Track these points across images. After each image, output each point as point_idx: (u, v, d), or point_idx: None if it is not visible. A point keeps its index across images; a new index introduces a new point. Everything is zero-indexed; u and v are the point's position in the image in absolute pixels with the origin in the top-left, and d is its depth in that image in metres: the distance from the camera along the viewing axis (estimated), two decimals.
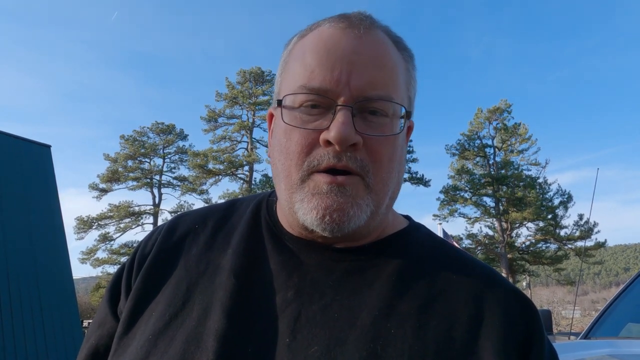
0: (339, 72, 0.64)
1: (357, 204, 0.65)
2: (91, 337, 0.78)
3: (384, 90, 0.66)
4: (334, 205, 0.64)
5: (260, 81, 31.03)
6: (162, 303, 0.71)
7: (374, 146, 0.65)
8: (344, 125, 0.63)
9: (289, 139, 0.67)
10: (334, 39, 0.67)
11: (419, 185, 28.86)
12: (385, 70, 0.67)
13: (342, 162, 0.64)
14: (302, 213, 0.66)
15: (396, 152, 0.69)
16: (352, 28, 0.67)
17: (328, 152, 0.64)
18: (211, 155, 29.81)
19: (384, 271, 0.70)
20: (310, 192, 0.65)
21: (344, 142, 0.63)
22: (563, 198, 28.68)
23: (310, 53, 0.67)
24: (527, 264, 29.35)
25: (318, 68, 0.65)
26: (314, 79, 0.65)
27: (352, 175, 0.65)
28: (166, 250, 0.78)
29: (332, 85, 0.64)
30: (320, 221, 0.64)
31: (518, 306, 0.68)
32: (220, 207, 0.84)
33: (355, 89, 0.64)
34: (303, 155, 0.65)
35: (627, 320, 3.10)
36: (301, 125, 0.66)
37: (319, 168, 0.65)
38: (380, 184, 0.67)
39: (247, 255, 0.73)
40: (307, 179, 0.66)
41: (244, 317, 0.66)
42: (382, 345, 0.62)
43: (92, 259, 30.38)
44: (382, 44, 0.68)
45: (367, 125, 0.65)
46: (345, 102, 0.64)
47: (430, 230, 0.80)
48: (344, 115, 0.63)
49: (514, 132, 29.75)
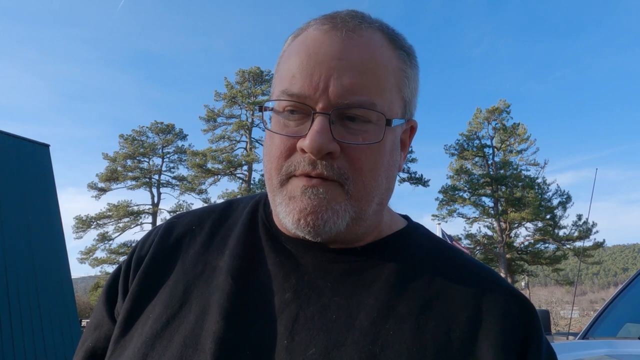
0: (318, 78, 0.63)
1: (333, 208, 0.64)
2: (87, 340, 0.77)
3: (365, 95, 0.64)
4: (308, 209, 0.64)
5: (259, 81, 31.02)
6: (160, 305, 0.70)
7: (353, 154, 0.64)
8: (318, 134, 0.62)
9: (272, 143, 0.68)
10: (315, 43, 0.66)
11: (417, 185, 28.90)
12: (368, 75, 0.65)
13: (317, 169, 0.64)
14: (282, 216, 0.67)
15: (381, 158, 0.67)
16: (335, 30, 0.66)
17: (304, 158, 0.64)
18: (210, 154, 29.79)
19: (382, 272, 0.69)
20: (288, 195, 0.66)
21: (317, 151, 0.62)
22: (562, 198, 28.74)
23: (295, 56, 0.67)
24: (525, 264, 29.39)
25: (299, 73, 0.65)
26: (294, 84, 0.65)
27: (329, 181, 0.64)
28: (163, 251, 0.77)
29: (310, 92, 0.63)
30: (296, 224, 0.65)
31: (516, 306, 0.68)
32: (217, 208, 0.84)
33: (333, 96, 0.63)
34: (282, 159, 0.66)
35: (625, 321, 3.10)
36: (281, 130, 0.66)
37: (295, 174, 0.65)
38: (362, 191, 0.66)
39: (245, 256, 0.73)
40: (286, 183, 0.66)
41: (241, 319, 0.66)
42: (381, 346, 0.62)
43: (91, 258, 30.39)
44: (366, 46, 0.66)
45: (347, 132, 0.64)
46: (323, 109, 0.63)
47: (428, 230, 0.80)
48: (319, 122, 0.63)
49: (513, 132, 29.79)
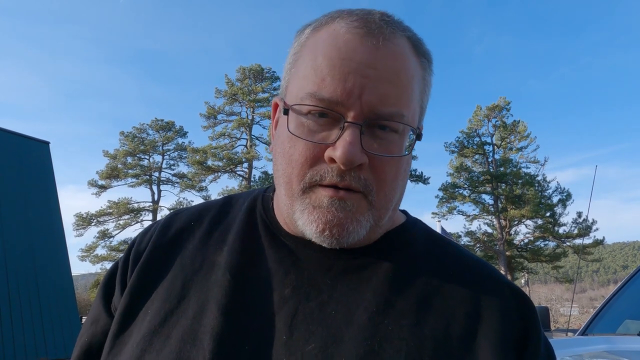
0: (352, 85, 0.61)
1: (357, 219, 0.64)
2: (84, 335, 0.77)
3: (396, 107, 0.63)
4: (334, 221, 0.63)
5: (260, 78, 30.97)
6: (158, 300, 0.70)
7: (379, 165, 0.64)
8: (350, 146, 0.60)
9: (293, 147, 0.64)
10: (349, 47, 0.63)
11: (418, 183, 28.89)
12: (399, 86, 0.63)
13: (345, 181, 0.62)
14: (302, 223, 0.65)
15: (401, 169, 0.67)
16: (370, 37, 0.63)
17: (332, 169, 0.62)
18: (210, 152, 29.78)
19: (381, 268, 0.69)
20: (312, 204, 0.64)
21: (349, 163, 0.61)
22: (562, 196, 28.74)
23: (323, 57, 0.63)
24: (525, 261, 29.42)
25: (330, 77, 0.62)
26: (324, 88, 0.62)
27: (355, 192, 0.63)
28: (162, 247, 0.77)
29: (343, 98, 0.61)
30: (319, 234, 0.64)
31: (515, 302, 0.68)
32: (216, 204, 0.84)
33: (366, 105, 0.61)
34: (306, 167, 0.64)
35: (624, 317, 3.10)
36: (307, 136, 0.63)
37: (321, 183, 0.63)
38: (383, 200, 0.66)
39: (243, 252, 0.72)
40: (309, 191, 0.64)
41: (240, 315, 0.66)
42: (380, 342, 0.62)
43: (92, 255, 30.42)
44: (400, 56, 0.64)
45: (375, 142, 0.63)
46: (355, 118, 0.61)
47: (427, 226, 0.80)
48: (351, 134, 0.61)
49: (513, 130, 29.77)
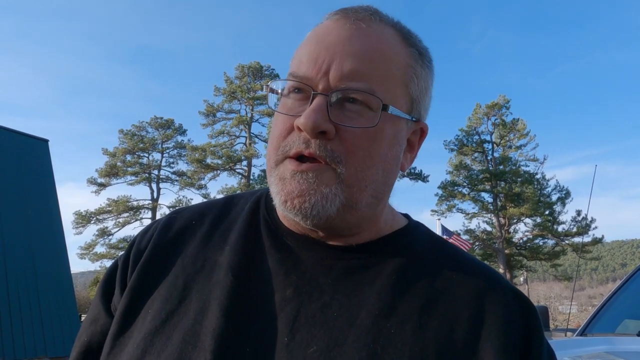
0: (322, 61, 0.66)
1: (322, 192, 0.64)
2: (83, 334, 0.77)
3: (364, 82, 0.65)
4: (295, 192, 0.64)
5: (259, 76, 30.95)
6: (159, 300, 0.70)
7: (348, 137, 0.64)
8: (313, 112, 0.63)
9: (275, 124, 0.70)
10: (325, 30, 0.69)
11: (417, 181, 28.91)
12: (370, 64, 0.66)
13: (311, 148, 0.64)
14: (273, 196, 0.68)
15: (376, 146, 0.66)
16: (344, 19, 0.68)
17: (299, 137, 0.65)
18: (209, 150, 29.78)
19: (383, 270, 0.69)
20: (279, 176, 0.67)
21: (310, 128, 0.63)
22: (561, 194, 28.79)
23: (304, 45, 0.70)
24: (524, 259, 29.47)
25: (305, 58, 0.67)
26: (300, 68, 0.67)
27: (320, 164, 0.64)
28: (162, 246, 0.76)
29: (313, 74, 0.65)
30: (283, 205, 0.65)
31: (518, 306, 0.68)
32: (218, 203, 0.83)
33: (333, 78, 0.65)
34: (280, 139, 0.67)
35: (623, 317, 3.10)
36: (285, 111, 0.68)
37: (289, 154, 0.65)
38: (354, 177, 0.65)
39: (245, 252, 0.72)
40: (280, 164, 0.67)
41: (241, 316, 0.65)
42: (382, 345, 0.62)
43: (91, 253, 30.44)
44: (374, 37, 0.67)
45: (345, 116, 0.65)
46: (323, 90, 0.65)
47: (429, 229, 0.80)
48: (316, 102, 0.64)
49: (512, 128, 29.79)
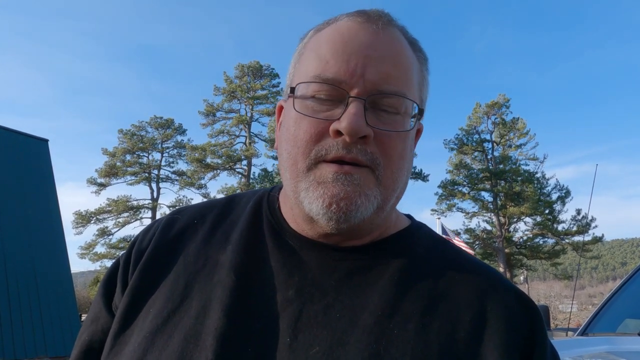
0: (355, 64, 0.64)
1: (365, 194, 0.63)
2: (84, 333, 0.76)
3: (398, 86, 0.65)
4: (341, 194, 0.62)
5: (259, 75, 30.93)
6: (160, 299, 0.69)
7: (385, 141, 0.65)
8: (355, 117, 0.62)
9: (298, 127, 0.66)
10: (351, 32, 0.66)
11: (417, 180, 28.90)
12: (400, 68, 0.66)
13: (352, 154, 0.63)
14: (308, 202, 0.64)
15: (406, 149, 0.68)
16: (370, 22, 0.67)
17: (337, 142, 0.63)
18: (209, 149, 29.76)
19: (386, 271, 0.69)
20: (316, 180, 0.64)
21: (354, 133, 0.62)
22: (561, 193, 28.78)
23: (326, 44, 0.67)
24: (524, 258, 29.46)
25: (333, 59, 0.65)
26: (328, 70, 0.64)
27: (361, 167, 0.64)
28: (164, 245, 0.76)
29: (347, 77, 0.64)
30: (326, 209, 0.63)
31: (520, 307, 0.68)
32: (219, 203, 0.83)
33: (369, 82, 0.64)
34: (311, 143, 0.64)
35: (624, 316, 3.10)
36: (312, 114, 0.65)
37: (327, 158, 0.64)
38: (390, 179, 0.66)
39: (247, 252, 0.72)
40: (314, 168, 0.64)
41: (243, 316, 0.65)
42: (385, 346, 0.61)
43: (91, 253, 30.42)
44: (398, 42, 0.68)
45: (379, 119, 0.65)
46: (359, 94, 0.63)
47: (432, 230, 0.80)
48: (356, 106, 0.63)
49: (512, 127, 29.77)
